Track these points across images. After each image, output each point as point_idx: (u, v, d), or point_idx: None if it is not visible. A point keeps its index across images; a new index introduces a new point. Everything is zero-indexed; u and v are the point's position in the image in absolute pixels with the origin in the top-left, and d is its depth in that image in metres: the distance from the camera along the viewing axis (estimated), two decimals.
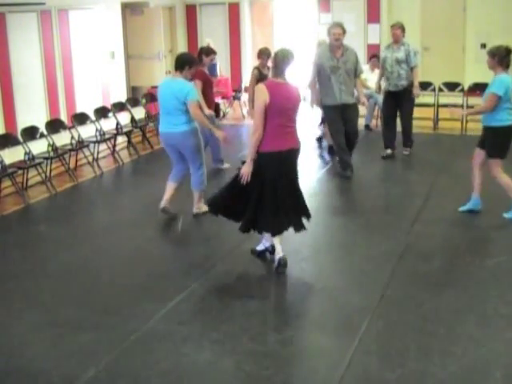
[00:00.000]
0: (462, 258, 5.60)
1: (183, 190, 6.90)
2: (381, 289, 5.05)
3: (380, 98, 10.60)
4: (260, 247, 5.69)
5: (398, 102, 9.05)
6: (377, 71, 10.57)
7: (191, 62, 6.49)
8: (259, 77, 8.32)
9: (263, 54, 8.62)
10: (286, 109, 5.13)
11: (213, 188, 6.23)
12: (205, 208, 6.43)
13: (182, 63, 6.41)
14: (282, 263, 5.37)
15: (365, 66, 11.20)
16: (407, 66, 8.88)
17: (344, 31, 7.87)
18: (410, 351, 4.15)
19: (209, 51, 8.26)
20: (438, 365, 3.97)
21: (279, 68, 5.17)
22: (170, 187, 6.75)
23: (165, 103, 6.43)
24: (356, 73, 8.06)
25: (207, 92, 8.02)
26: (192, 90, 6.40)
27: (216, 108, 8.97)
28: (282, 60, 5.15)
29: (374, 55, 11.13)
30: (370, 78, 10.94)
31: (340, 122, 8.01)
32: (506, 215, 6.49)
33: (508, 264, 5.45)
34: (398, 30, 8.93)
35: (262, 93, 5.09)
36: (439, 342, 4.25)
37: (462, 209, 6.69)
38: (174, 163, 6.76)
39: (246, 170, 5.18)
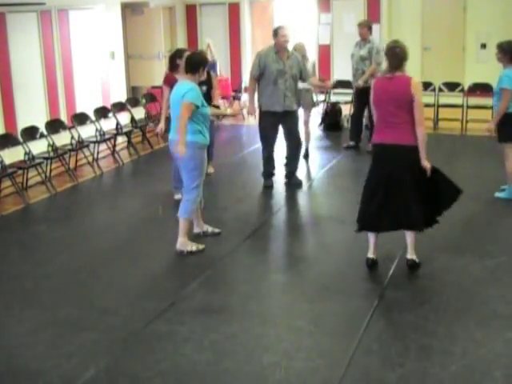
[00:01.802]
0: (462, 258, 5.60)
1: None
2: (381, 289, 5.05)
3: None
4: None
5: (366, 99, 9.04)
6: None
7: (205, 62, 5.79)
8: None
9: None
10: (384, 103, 5.12)
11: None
12: (191, 247, 5.83)
13: (196, 65, 5.68)
14: (408, 264, 5.33)
15: None
16: (371, 63, 9.03)
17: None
18: (410, 351, 4.15)
19: (181, 52, 7.18)
20: (437, 365, 3.98)
21: (388, 63, 5.16)
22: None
23: (174, 108, 5.81)
24: (303, 77, 7.57)
25: None
26: (191, 90, 5.59)
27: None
28: (388, 54, 5.14)
29: None
30: None
31: (275, 131, 7.62)
32: (497, 194, 6.94)
33: (508, 264, 5.45)
34: (364, 28, 9.20)
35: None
36: (439, 342, 4.25)
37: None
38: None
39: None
